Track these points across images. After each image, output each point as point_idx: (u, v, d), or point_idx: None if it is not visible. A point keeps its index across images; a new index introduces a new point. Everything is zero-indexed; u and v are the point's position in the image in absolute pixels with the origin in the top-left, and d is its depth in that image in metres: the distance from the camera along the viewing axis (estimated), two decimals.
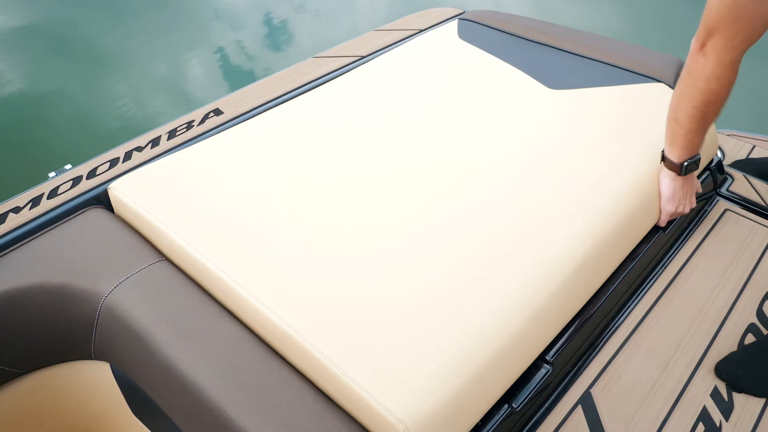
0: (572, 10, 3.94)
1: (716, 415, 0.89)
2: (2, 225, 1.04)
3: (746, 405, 0.91)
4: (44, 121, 3.06)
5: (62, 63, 3.48)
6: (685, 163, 1.03)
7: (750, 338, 0.99)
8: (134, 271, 0.97)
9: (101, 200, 1.11)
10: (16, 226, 1.04)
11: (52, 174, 1.16)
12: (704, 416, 0.89)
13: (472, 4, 3.90)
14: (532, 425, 0.89)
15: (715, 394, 0.92)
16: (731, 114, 2.96)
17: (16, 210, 1.07)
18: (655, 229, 1.11)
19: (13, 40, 3.72)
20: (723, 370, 0.94)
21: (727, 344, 0.98)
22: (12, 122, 3.05)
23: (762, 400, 0.92)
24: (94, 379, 1.05)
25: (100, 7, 4.09)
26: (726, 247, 1.13)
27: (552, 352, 0.92)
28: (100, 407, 1.08)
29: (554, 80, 1.29)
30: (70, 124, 3.05)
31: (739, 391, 0.92)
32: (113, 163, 1.17)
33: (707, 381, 0.94)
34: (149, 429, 1.05)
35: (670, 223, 1.12)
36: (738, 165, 1.38)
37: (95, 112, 3.12)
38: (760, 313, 1.03)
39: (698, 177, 1.20)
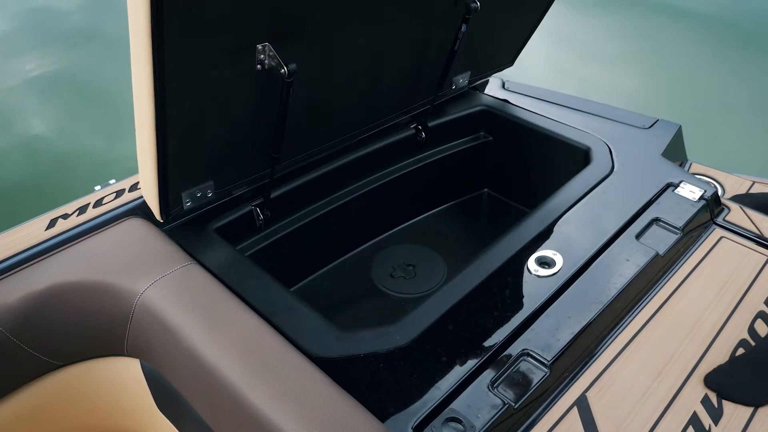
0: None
1: (706, 420, 0.94)
2: (52, 229, 1.15)
3: (735, 411, 0.96)
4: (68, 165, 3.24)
5: (90, 111, 3.69)
6: None
7: (741, 353, 1.05)
8: (168, 272, 1.07)
9: (141, 210, 1.22)
10: (64, 230, 1.15)
11: (97, 187, 1.28)
12: (694, 420, 0.94)
13: None
14: (529, 423, 0.94)
15: (705, 401, 0.97)
16: (736, 161, 3.05)
17: (65, 216, 1.19)
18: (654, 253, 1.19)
19: (45, 86, 3.95)
20: (712, 380, 0.99)
21: (718, 357, 1.04)
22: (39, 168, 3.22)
23: (751, 408, 0.96)
24: (124, 375, 1.14)
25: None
26: (720, 271, 1.19)
27: (551, 358, 0.99)
28: (129, 402, 1.16)
29: None
30: (93, 168, 3.21)
31: (728, 400, 0.97)
32: None
33: (698, 390, 0.99)
34: (173, 424, 1.12)
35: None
36: (736, 199, 1.45)
37: (115, 159, 3.28)
38: (751, 330, 1.08)
39: (695, 206, 1.28)
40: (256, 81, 1.07)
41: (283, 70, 1.02)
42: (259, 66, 1.04)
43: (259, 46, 1.02)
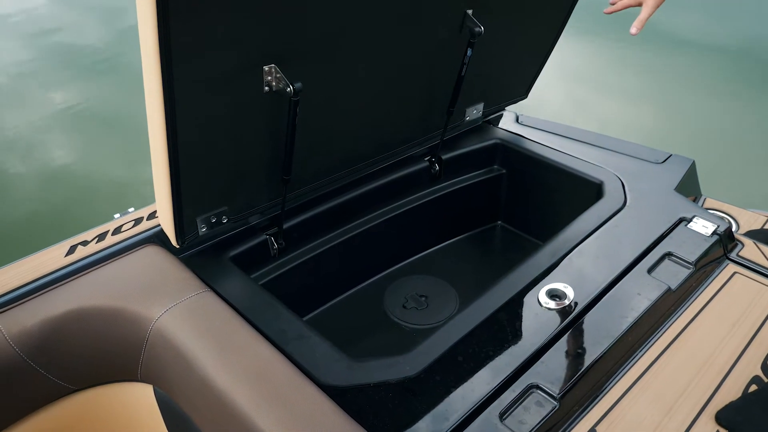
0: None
1: None
2: (72, 255, 1.19)
3: None
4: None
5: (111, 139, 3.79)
6: None
7: (753, 389, 1.03)
8: (183, 299, 1.09)
9: (158, 239, 1.25)
10: (84, 256, 1.19)
11: (117, 215, 1.31)
12: None
13: None
14: None
15: None
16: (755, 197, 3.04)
17: (85, 243, 1.22)
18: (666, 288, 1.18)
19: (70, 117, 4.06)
20: (723, 417, 0.98)
21: (730, 394, 1.03)
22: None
23: None
24: (138, 401, 1.15)
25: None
26: (734, 306, 1.18)
27: (561, 391, 0.98)
28: (141, 428, 1.18)
29: None
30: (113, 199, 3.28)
31: None
32: None
33: (709, 426, 0.98)
34: None
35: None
36: (750, 234, 1.45)
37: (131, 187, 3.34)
38: (764, 366, 1.07)
39: (707, 241, 1.28)
40: (264, 104, 1.10)
41: (289, 89, 1.06)
42: (267, 88, 1.07)
43: (266, 68, 1.05)
